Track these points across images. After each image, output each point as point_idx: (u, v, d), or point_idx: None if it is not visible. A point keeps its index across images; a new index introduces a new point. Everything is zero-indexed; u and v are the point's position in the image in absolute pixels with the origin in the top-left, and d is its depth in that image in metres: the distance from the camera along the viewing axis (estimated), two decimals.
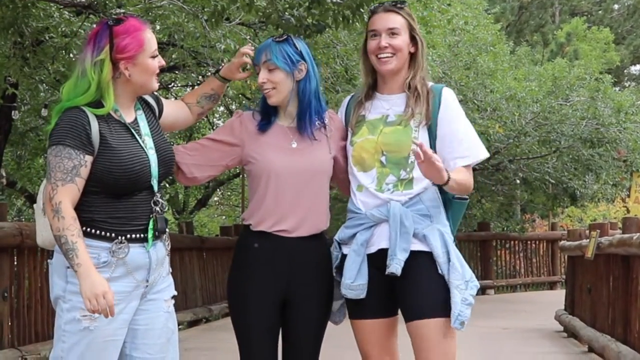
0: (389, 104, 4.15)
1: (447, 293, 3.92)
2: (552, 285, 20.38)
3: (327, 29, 6.03)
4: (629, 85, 34.84)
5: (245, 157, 4.11)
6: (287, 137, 4.11)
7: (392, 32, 4.08)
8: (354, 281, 3.96)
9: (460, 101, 13.24)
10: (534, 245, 20.80)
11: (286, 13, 5.68)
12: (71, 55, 7.64)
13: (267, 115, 4.13)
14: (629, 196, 24.39)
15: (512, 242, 20.50)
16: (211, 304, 13.67)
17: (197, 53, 8.78)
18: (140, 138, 3.72)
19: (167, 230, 3.84)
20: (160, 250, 3.79)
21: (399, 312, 4.12)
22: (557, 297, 14.35)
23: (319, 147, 4.12)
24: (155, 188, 3.74)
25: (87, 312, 3.50)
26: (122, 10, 6.24)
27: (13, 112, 9.10)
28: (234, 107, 13.66)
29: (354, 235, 4.06)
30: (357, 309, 4.07)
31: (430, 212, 4.04)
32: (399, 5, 4.15)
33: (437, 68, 10.88)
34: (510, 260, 20.55)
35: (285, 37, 4.14)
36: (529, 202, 20.63)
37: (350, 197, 4.19)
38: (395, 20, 4.11)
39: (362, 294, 3.97)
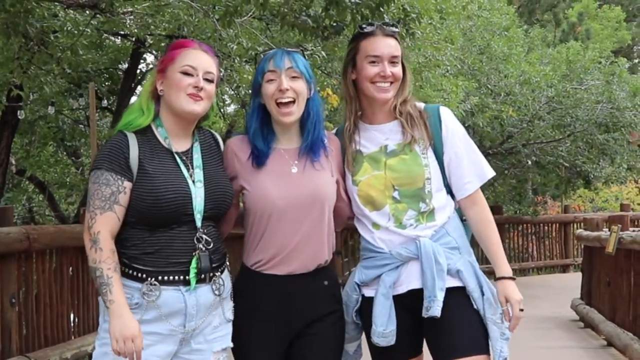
0: (384, 134, 3.82)
1: (483, 329, 3.69)
2: (564, 268, 20.19)
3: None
4: (639, 63, 34.58)
5: (239, 188, 3.72)
6: (286, 161, 3.72)
7: (394, 61, 3.78)
8: (386, 328, 3.69)
9: (474, 88, 13.06)
10: (546, 227, 20.62)
11: (302, 14, 5.42)
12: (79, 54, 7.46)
13: (260, 140, 3.71)
14: None
15: (524, 225, 20.31)
16: None
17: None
18: (189, 170, 3.52)
19: (219, 274, 3.57)
20: (203, 296, 3.50)
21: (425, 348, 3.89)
22: (571, 282, 14.23)
23: (322, 170, 3.74)
24: (199, 223, 3.48)
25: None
26: (130, 9, 6.01)
27: (19, 112, 8.95)
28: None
29: (378, 276, 3.76)
30: (383, 353, 3.79)
31: (458, 243, 3.78)
32: (395, 30, 3.86)
33: (455, 61, 10.65)
34: (523, 243, 20.35)
35: (298, 49, 3.82)
36: (541, 185, 20.45)
37: (362, 235, 3.86)
38: (397, 48, 3.80)
39: (393, 340, 3.71)
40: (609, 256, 9.58)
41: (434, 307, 3.63)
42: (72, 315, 8.09)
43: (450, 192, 3.85)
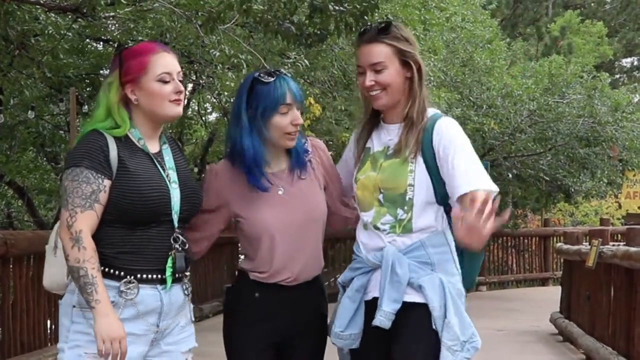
0: (389, 135, 3.73)
1: (437, 351, 3.50)
2: (544, 282, 20.22)
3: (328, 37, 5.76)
4: (620, 78, 34.85)
5: (231, 215, 3.75)
6: (276, 185, 3.71)
7: (377, 68, 3.63)
8: (344, 330, 3.62)
9: (457, 100, 13.04)
10: (526, 241, 20.64)
11: (286, 21, 5.38)
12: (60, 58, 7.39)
13: (262, 165, 3.68)
14: (620, 192, 24.31)
15: (504, 238, 20.28)
16: (202, 304, 13.46)
17: (189, 52, 8.52)
18: (164, 171, 3.51)
19: (187, 274, 3.58)
20: (175, 295, 3.52)
21: None
22: (550, 295, 14.23)
23: (310, 185, 3.77)
24: (176, 223, 3.48)
25: (95, 352, 3.27)
26: (112, 14, 5.95)
27: None
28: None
29: (352, 279, 3.72)
30: None
31: (432, 260, 3.59)
32: (383, 32, 3.66)
33: (438, 72, 10.66)
34: (503, 256, 20.35)
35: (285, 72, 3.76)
36: (521, 198, 20.48)
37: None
38: (379, 53, 3.62)
39: (354, 345, 3.63)
40: (589, 270, 9.56)
41: (378, 317, 3.52)
42: (49, 322, 8.03)
43: (447, 211, 3.64)
